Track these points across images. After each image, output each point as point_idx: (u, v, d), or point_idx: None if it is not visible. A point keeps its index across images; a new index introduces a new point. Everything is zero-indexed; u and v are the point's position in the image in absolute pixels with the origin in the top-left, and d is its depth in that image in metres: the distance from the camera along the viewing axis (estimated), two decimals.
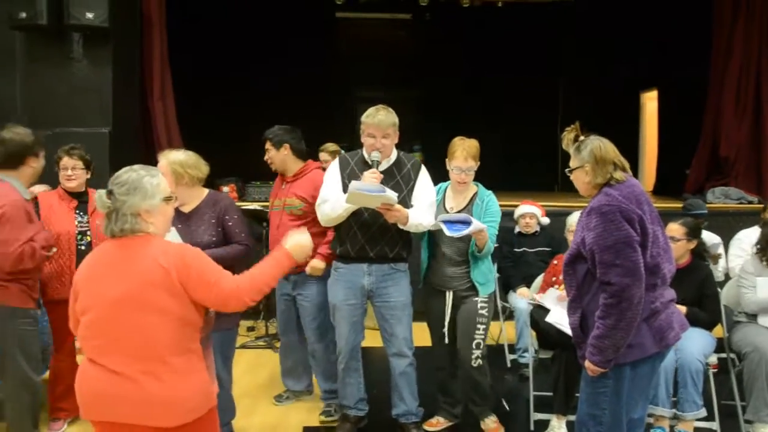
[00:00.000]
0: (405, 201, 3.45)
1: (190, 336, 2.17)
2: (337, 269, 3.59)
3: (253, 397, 4.23)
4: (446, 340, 3.58)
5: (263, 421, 3.91)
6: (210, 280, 2.15)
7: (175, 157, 3.23)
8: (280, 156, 3.88)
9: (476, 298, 3.52)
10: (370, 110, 3.48)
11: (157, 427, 2.09)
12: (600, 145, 2.56)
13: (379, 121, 3.42)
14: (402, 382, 3.60)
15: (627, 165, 2.59)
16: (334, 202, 3.42)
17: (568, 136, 2.65)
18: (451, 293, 3.56)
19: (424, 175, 3.57)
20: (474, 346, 3.52)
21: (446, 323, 3.57)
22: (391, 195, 3.28)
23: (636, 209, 2.43)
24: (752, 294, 3.75)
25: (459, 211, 3.53)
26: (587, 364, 2.51)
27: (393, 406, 3.67)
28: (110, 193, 2.15)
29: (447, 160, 3.58)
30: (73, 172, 3.64)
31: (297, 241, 2.41)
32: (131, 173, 2.18)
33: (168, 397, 2.07)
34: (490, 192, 3.63)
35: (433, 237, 3.59)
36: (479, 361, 3.54)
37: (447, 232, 3.32)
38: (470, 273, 3.52)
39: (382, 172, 3.44)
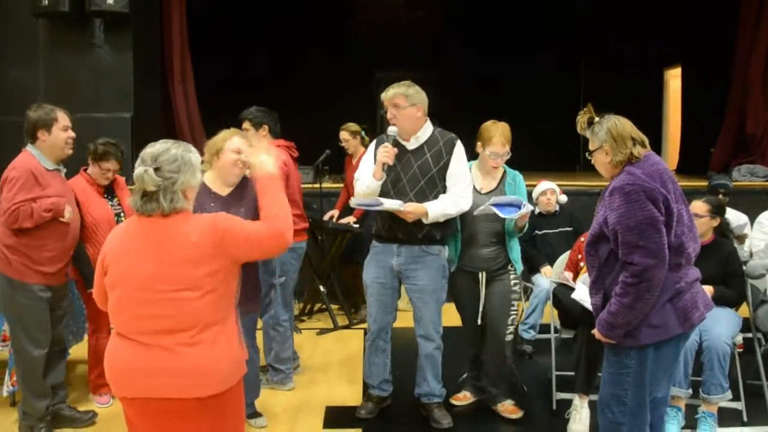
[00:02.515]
0: (434, 180, 3.42)
1: (225, 306, 2.19)
2: (374, 247, 3.62)
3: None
4: (479, 321, 3.62)
5: (286, 401, 3.95)
6: (243, 234, 2.17)
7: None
8: (258, 137, 3.91)
9: (510, 276, 3.58)
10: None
11: (188, 399, 2.10)
12: (616, 122, 2.53)
13: (385, 93, 3.46)
14: (427, 364, 3.61)
15: (646, 140, 2.54)
16: (362, 181, 3.46)
17: (581, 120, 2.61)
18: (484, 274, 3.57)
19: (459, 153, 3.48)
20: (509, 322, 3.59)
21: (482, 304, 3.59)
22: (391, 205, 3.30)
23: (660, 188, 2.39)
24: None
25: (491, 191, 3.57)
26: (597, 334, 2.52)
27: (417, 384, 3.69)
28: (158, 170, 2.11)
29: (480, 143, 3.56)
30: (111, 173, 3.77)
31: (259, 159, 2.40)
32: (174, 149, 2.16)
33: (203, 367, 2.10)
34: (516, 171, 3.67)
35: (463, 220, 3.57)
36: (511, 336, 3.62)
37: (501, 215, 3.35)
38: (507, 252, 3.58)
39: (411, 151, 3.45)
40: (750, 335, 3.92)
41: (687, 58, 8.77)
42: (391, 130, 3.41)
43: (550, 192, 4.98)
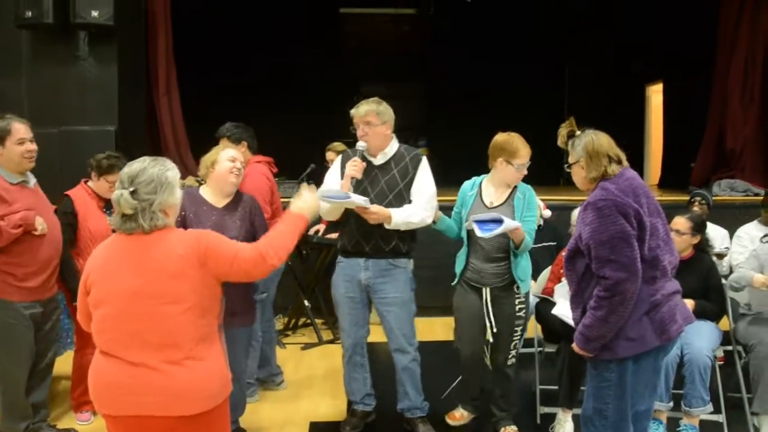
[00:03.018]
0: (401, 194, 3.44)
1: (209, 323, 2.19)
2: (339, 263, 3.61)
3: (260, 393, 4.23)
4: (490, 339, 3.51)
5: (270, 416, 3.93)
6: (229, 254, 2.18)
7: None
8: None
9: (514, 299, 3.48)
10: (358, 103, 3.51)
11: (174, 417, 2.09)
12: (593, 138, 2.56)
13: (357, 110, 3.46)
14: (405, 378, 3.60)
15: (623, 157, 2.58)
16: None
17: (562, 133, 2.65)
18: (488, 290, 3.49)
19: (424, 168, 3.51)
20: (512, 347, 3.51)
21: (488, 322, 3.47)
22: (357, 200, 3.24)
23: (632, 203, 2.42)
24: (745, 269, 3.76)
25: (499, 206, 3.48)
26: (575, 348, 2.56)
27: (398, 399, 3.68)
28: (134, 193, 2.12)
29: (501, 159, 3.46)
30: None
31: (304, 201, 2.46)
32: (150, 170, 2.17)
33: (189, 385, 2.09)
34: (528, 186, 3.57)
35: (471, 233, 3.48)
36: (513, 360, 3.54)
37: (478, 233, 3.27)
38: (511, 269, 3.45)
39: (378, 166, 3.46)
40: (730, 348, 3.96)
41: (668, 75, 8.90)
42: (360, 145, 3.43)
43: None
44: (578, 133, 2.61)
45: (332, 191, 3.29)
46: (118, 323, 2.11)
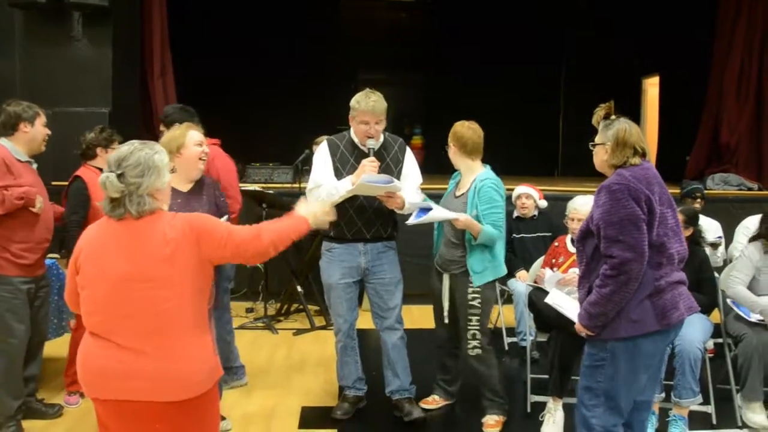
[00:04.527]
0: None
1: (199, 308, 2.18)
2: (332, 250, 3.61)
3: (251, 379, 4.24)
4: (445, 321, 3.61)
5: (262, 402, 3.94)
6: (221, 235, 2.18)
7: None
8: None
9: (467, 288, 3.46)
10: (360, 96, 3.44)
11: (163, 403, 2.08)
12: (626, 127, 2.60)
13: (373, 107, 3.40)
14: (395, 355, 3.64)
15: (648, 151, 2.63)
16: (330, 188, 3.41)
17: (599, 113, 2.69)
18: (448, 276, 3.57)
19: (410, 155, 3.65)
20: (469, 336, 3.50)
21: (444, 305, 3.59)
22: (398, 185, 3.36)
23: (644, 189, 2.48)
24: (740, 286, 3.82)
25: (461, 195, 3.52)
26: (577, 326, 2.60)
27: (386, 384, 3.70)
28: (121, 176, 2.11)
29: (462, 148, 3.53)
30: None
31: (315, 210, 2.47)
32: (137, 153, 2.14)
33: (179, 371, 2.08)
34: (486, 177, 3.46)
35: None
36: (477, 351, 3.50)
37: (409, 220, 3.39)
38: (466, 258, 3.46)
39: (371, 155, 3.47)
40: (720, 341, 3.99)
41: (665, 67, 8.90)
42: (371, 143, 3.45)
43: (525, 196, 4.95)
44: (613, 117, 2.65)
45: (378, 177, 3.31)
46: (108, 306, 2.09)
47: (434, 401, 3.86)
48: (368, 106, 3.39)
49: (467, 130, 3.50)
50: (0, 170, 3.25)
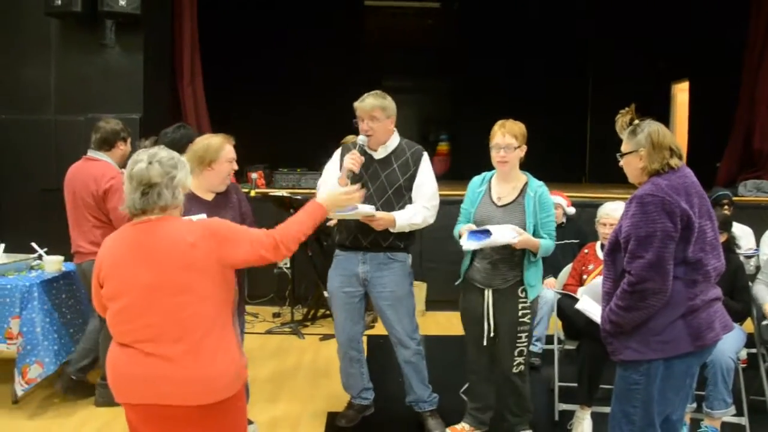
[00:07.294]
0: (401, 190, 3.41)
1: (223, 312, 2.19)
2: (336, 256, 3.58)
3: (277, 383, 4.27)
4: (485, 343, 3.32)
5: (289, 406, 3.95)
6: (241, 239, 2.20)
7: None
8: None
9: (518, 304, 3.24)
10: (363, 96, 3.45)
11: (192, 406, 2.10)
12: (658, 129, 2.45)
13: (364, 104, 3.40)
14: (409, 371, 3.56)
15: (683, 152, 2.47)
16: (326, 188, 3.36)
17: (622, 119, 2.54)
18: (490, 291, 3.29)
19: (425, 164, 3.48)
20: (516, 354, 3.29)
21: (486, 325, 3.29)
22: (365, 210, 3.18)
23: (681, 202, 2.33)
24: (761, 285, 3.77)
25: (508, 204, 3.29)
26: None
27: (406, 393, 3.65)
28: (159, 163, 2.15)
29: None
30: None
31: (330, 193, 2.51)
32: (163, 152, 2.20)
33: (206, 375, 2.09)
34: (541, 183, 3.33)
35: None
36: (521, 367, 3.32)
37: (462, 245, 3.15)
38: (522, 272, 3.24)
39: (378, 160, 3.43)
40: (754, 351, 3.90)
41: (695, 73, 8.77)
42: (361, 139, 3.40)
43: (555, 206, 4.90)
44: (636, 122, 2.51)
45: (343, 209, 3.17)
46: (134, 316, 2.10)
47: (463, 430, 3.54)
48: (361, 103, 3.41)
49: None
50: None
